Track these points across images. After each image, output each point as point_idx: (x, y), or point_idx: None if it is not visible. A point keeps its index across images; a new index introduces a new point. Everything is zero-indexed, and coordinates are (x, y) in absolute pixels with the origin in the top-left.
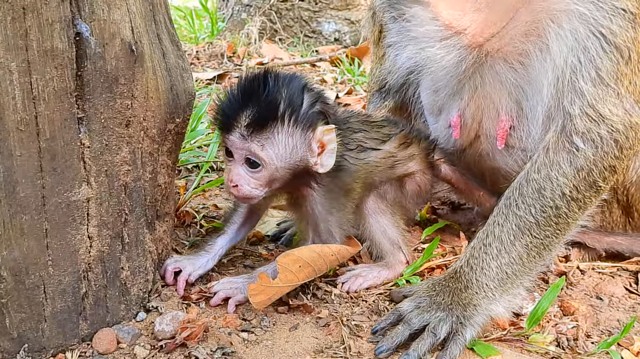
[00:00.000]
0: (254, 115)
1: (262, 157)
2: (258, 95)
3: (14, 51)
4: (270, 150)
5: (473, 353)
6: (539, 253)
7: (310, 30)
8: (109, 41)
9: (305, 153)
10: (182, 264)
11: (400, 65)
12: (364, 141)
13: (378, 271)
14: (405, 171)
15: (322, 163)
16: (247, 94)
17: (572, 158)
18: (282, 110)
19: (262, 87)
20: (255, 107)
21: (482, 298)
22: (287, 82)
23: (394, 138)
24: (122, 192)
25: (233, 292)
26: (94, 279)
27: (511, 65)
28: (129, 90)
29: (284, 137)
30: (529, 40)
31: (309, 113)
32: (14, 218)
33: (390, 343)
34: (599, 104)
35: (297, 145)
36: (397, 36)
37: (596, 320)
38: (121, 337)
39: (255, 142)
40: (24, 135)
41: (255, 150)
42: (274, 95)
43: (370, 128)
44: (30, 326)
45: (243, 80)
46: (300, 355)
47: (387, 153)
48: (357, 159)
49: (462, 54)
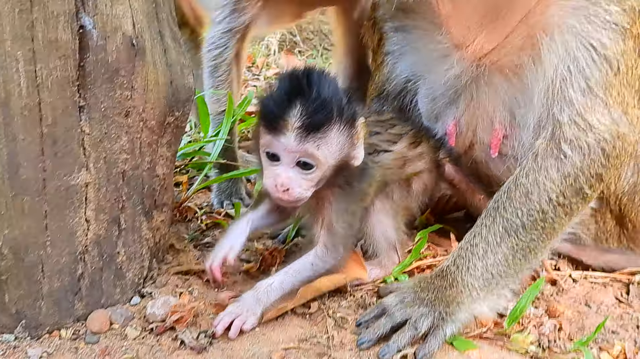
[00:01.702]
0: (309, 114)
1: (318, 156)
2: (308, 94)
3: (20, 41)
4: (326, 149)
5: (452, 347)
6: (525, 255)
7: (329, 43)
8: (110, 34)
9: (349, 148)
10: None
11: (398, 73)
12: (377, 144)
13: (370, 269)
14: (414, 170)
15: (358, 155)
16: (295, 93)
17: (559, 165)
18: (334, 107)
19: (309, 85)
20: (308, 107)
21: (466, 297)
22: (328, 79)
23: (404, 137)
24: (120, 179)
25: (245, 315)
26: (90, 261)
27: (506, 76)
28: (128, 81)
29: (336, 134)
30: (524, 53)
31: (351, 109)
32: (16, 199)
33: (372, 334)
34: (587, 113)
35: (345, 141)
36: (397, 45)
37: (581, 325)
38: (114, 318)
39: (311, 142)
40: (28, 121)
41: (312, 151)
42: (324, 93)
43: (383, 130)
44: (28, 303)
45: (286, 79)
46: (284, 342)
47: (398, 154)
48: (373, 162)
49: (461, 68)
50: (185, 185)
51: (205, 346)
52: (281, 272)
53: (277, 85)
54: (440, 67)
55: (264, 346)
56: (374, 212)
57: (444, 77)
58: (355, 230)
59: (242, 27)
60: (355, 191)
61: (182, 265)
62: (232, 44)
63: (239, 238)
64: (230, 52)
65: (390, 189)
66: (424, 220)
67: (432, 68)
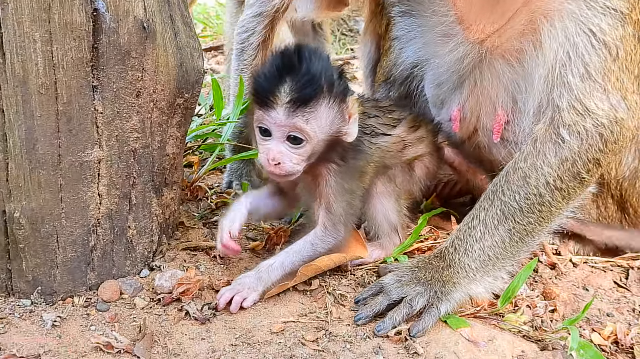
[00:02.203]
0: (297, 89)
1: (307, 130)
2: (297, 69)
3: (38, 23)
4: (315, 124)
5: (445, 325)
6: (522, 238)
7: (347, 28)
8: (122, 17)
9: (340, 123)
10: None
11: (404, 59)
12: (376, 126)
13: (371, 250)
14: (415, 153)
15: (350, 132)
16: (286, 69)
17: (557, 149)
18: (323, 82)
19: (300, 61)
20: (297, 82)
21: (462, 277)
22: (319, 55)
23: (403, 122)
24: (131, 157)
25: (246, 292)
26: (102, 234)
27: (508, 61)
28: (139, 63)
29: (325, 109)
30: (525, 38)
31: (342, 85)
32: (33, 172)
33: (368, 311)
34: (586, 98)
35: (335, 116)
36: (404, 30)
37: (577, 308)
38: (124, 289)
39: (299, 116)
40: (44, 98)
41: (301, 125)
42: (313, 68)
43: (382, 114)
44: (43, 271)
45: (278, 55)
46: (284, 316)
47: (397, 137)
48: (371, 143)
49: (465, 50)
50: (197, 165)
51: (209, 318)
52: (282, 253)
53: (269, 61)
54: (445, 49)
55: (264, 319)
56: (376, 195)
57: (448, 59)
58: (355, 209)
59: (272, 11)
60: (350, 168)
61: (190, 242)
62: (261, 29)
63: (239, 212)
64: (258, 37)
65: (392, 173)
66: (429, 204)
67: (438, 51)
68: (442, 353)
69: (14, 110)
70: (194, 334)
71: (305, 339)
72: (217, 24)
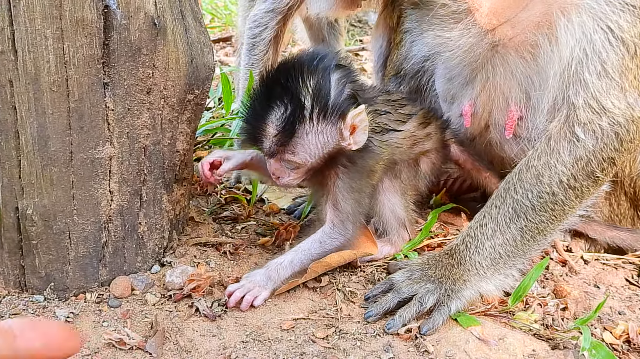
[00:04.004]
0: (280, 125)
1: (296, 160)
2: (280, 98)
3: (49, 20)
4: (303, 153)
5: (456, 323)
6: (533, 237)
7: (356, 19)
8: (133, 14)
9: (337, 141)
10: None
11: (416, 52)
12: (387, 123)
13: (380, 246)
14: (422, 149)
15: (355, 141)
16: (270, 98)
17: (572, 147)
18: (309, 109)
19: (282, 88)
20: (279, 115)
21: (473, 275)
22: (311, 71)
23: (414, 117)
24: (141, 153)
25: (257, 290)
26: (114, 230)
27: (522, 55)
28: (150, 60)
29: (313, 136)
30: (540, 31)
31: (339, 102)
32: (45, 169)
33: (379, 308)
34: (602, 96)
35: (328, 138)
36: (415, 22)
37: (588, 306)
38: (135, 285)
39: (286, 152)
40: (56, 96)
41: (289, 157)
42: (297, 95)
43: (393, 110)
44: (56, 267)
45: (263, 82)
46: (294, 313)
47: (408, 132)
48: (381, 141)
49: (477, 40)
50: None
51: (220, 314)
52: (291, 251)
53: (252, 96)
54: (457, 41)
55: (274, 316)
56: (382, 191)
57: (460, 52)
58: (364, 207)
59: (285, 8)
60: (359, 168)
61: (200, 237)
62: (273, 24)
63: (240, 154)
64: (270, 32)
65: (398, 168)
66: (439, 200)
67: (449, 43)
68: (453, 351)
69: (26, 108)
70: (205, 330)
71: (315, 336)
72: (226, 14)
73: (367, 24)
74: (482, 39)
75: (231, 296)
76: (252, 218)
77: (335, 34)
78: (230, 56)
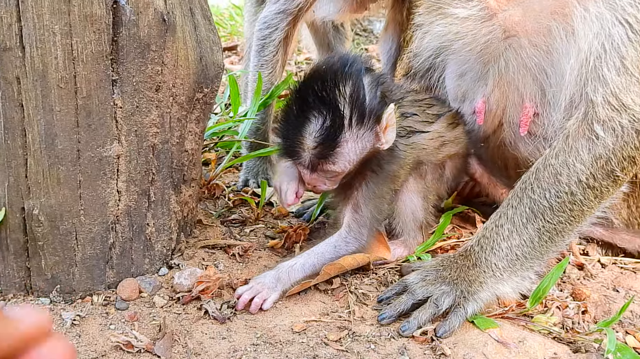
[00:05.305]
0: (320, 137)
1: (336, 170)
2: (318, 109)
3: (57, 15)
4: (342, 161)
5: (473, 325)
6: (551, 238)
7: (361, 28)
8: (142, 10)
9: (373, 143)
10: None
11: (426, 46)
12: (412, 126)
13: (393, 248)
14: (449, 152)
15: (387, 140)
16: (306, 110)
17: (591, 146)
18: (348, 117)
19: (318, 98)
20: (319, 126)
21: (489, 277)
22: (345, 77)
23: (442, 118)
24: (150, 152)
25: (266, 293)
26: (121, 231)
27: (535, 46)
28: (159, 57)
29: (353, 144)
30: (555, 19)
31: (374, 105)
32: (52, 168)
33: (392, 310)
34: (622, 93)
35: (365, 143)
36: (426, 15)
37: (607, 309)
38: (143, 287)
39: (326, 164)
40: (64, 93)
41: (329, 168)
42: (335, 104)
43: (421, 111)
44: (62, 269)
45: (297, 94)
46: (305, 316)
47: (435, 133)
48: (405, 145)
49: (488, 24)
50: (214, 163)
51: (229, 317)
52: (304, 254)
53: (287, 109)
54: (469, 28)
55: (285, 319)
56: (406, 191)
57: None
58: (382, 214)
59: (296, 9)
60: (384, 173)
61: (208, 240)
62: (283, 26)
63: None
64: (280, 34)
65: (424, 170)
66: (450, 203)
67: (461, 30)
68: (471, 354)
69: (33, 105)
70: (214, 333)
71: (328, 339)
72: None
73: (372, 33)
74: (494, 26)
75: (240, 299)
76: (261, 221)
77: (341, 38)
78: (235, 64)
